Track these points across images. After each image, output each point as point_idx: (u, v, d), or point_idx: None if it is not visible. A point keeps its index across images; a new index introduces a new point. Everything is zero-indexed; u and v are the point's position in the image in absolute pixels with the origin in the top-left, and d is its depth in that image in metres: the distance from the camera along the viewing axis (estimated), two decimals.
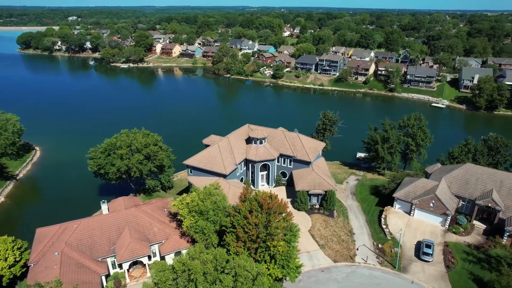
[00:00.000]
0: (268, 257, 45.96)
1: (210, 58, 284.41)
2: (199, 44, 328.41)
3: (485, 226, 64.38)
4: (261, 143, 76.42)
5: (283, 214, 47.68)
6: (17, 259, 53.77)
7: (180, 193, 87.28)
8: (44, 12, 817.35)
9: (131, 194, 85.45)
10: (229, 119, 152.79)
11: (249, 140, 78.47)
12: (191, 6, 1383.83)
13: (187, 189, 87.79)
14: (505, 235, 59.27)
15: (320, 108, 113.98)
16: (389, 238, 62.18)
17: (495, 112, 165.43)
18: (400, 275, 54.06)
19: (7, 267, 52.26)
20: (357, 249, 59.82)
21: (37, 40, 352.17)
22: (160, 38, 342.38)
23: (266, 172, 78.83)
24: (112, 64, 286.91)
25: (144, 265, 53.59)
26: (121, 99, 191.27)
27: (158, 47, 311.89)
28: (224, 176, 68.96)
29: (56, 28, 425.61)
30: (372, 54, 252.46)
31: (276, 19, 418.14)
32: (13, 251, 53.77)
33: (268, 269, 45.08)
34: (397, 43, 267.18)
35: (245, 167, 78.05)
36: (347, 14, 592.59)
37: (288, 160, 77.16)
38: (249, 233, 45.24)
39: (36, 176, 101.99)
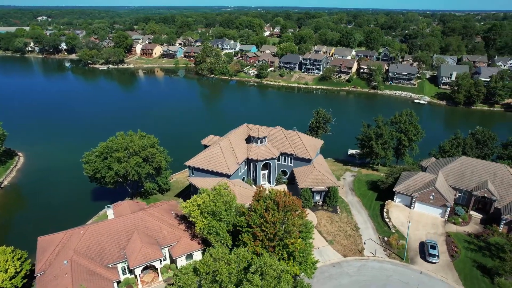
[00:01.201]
0: (286, 254, 46.07)
1: (192, 59, 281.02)
2: (180, 44, 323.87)
3: (482, 216, 67.20)
4: (262, 142, 76.37)
5: (298, 211, 47.91)
6: (18, 270, 51.30)
7: (178, 195, 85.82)
8: (11, 12, 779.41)
9: (127, 198, 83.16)
10: (219, 119, 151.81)
11: (249, 140, 78.22)
12: (167, 6, 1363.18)
13: (185, 191, 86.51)
14: (502, 223, 62.01)
15: (307, 107, 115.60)
16: (393, 231, 63.75)
17: (472, 107, 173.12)
18: (408, 266, 55.54)
19: (8, 278, 49.79)
20: (364, 243, 60.94)
21: (7, 41, 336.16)
22: (139, 39, 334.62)
23: (267, 171, 78.83)
24: (91, 66, 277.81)
25: (156, 269, 52.35)
26: (104, 102, 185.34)
27: (138, 48, 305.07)
28: (228, 176, 68.38)
29: (27, 28, 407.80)
30: (354, 52, 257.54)
31: (256, 18, 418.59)
32: (13, 261, 51.32)
33: (288, 266, 45.12)
34: (377, 42, 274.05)
35: (246, 167, 77.72)
36: (325, 14, 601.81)
37: (289, 158, 77.49)
38: (266, 232, 45.14)
39: (22, 183, 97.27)
